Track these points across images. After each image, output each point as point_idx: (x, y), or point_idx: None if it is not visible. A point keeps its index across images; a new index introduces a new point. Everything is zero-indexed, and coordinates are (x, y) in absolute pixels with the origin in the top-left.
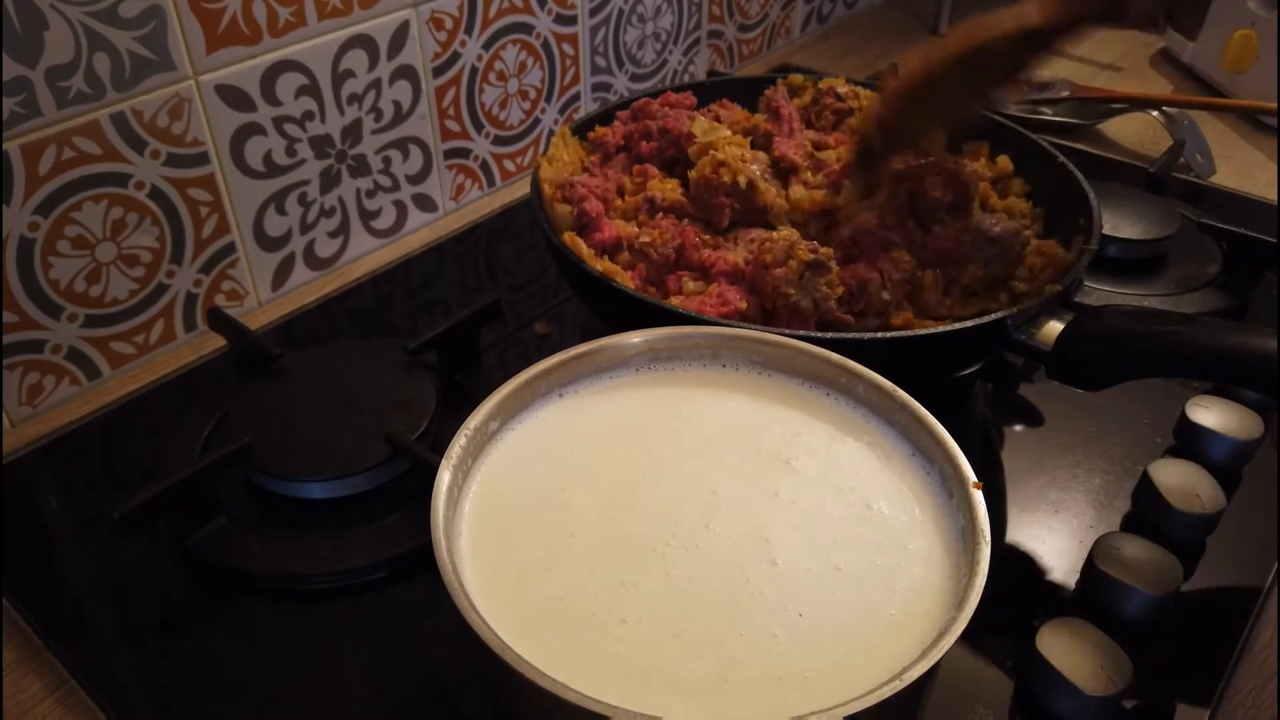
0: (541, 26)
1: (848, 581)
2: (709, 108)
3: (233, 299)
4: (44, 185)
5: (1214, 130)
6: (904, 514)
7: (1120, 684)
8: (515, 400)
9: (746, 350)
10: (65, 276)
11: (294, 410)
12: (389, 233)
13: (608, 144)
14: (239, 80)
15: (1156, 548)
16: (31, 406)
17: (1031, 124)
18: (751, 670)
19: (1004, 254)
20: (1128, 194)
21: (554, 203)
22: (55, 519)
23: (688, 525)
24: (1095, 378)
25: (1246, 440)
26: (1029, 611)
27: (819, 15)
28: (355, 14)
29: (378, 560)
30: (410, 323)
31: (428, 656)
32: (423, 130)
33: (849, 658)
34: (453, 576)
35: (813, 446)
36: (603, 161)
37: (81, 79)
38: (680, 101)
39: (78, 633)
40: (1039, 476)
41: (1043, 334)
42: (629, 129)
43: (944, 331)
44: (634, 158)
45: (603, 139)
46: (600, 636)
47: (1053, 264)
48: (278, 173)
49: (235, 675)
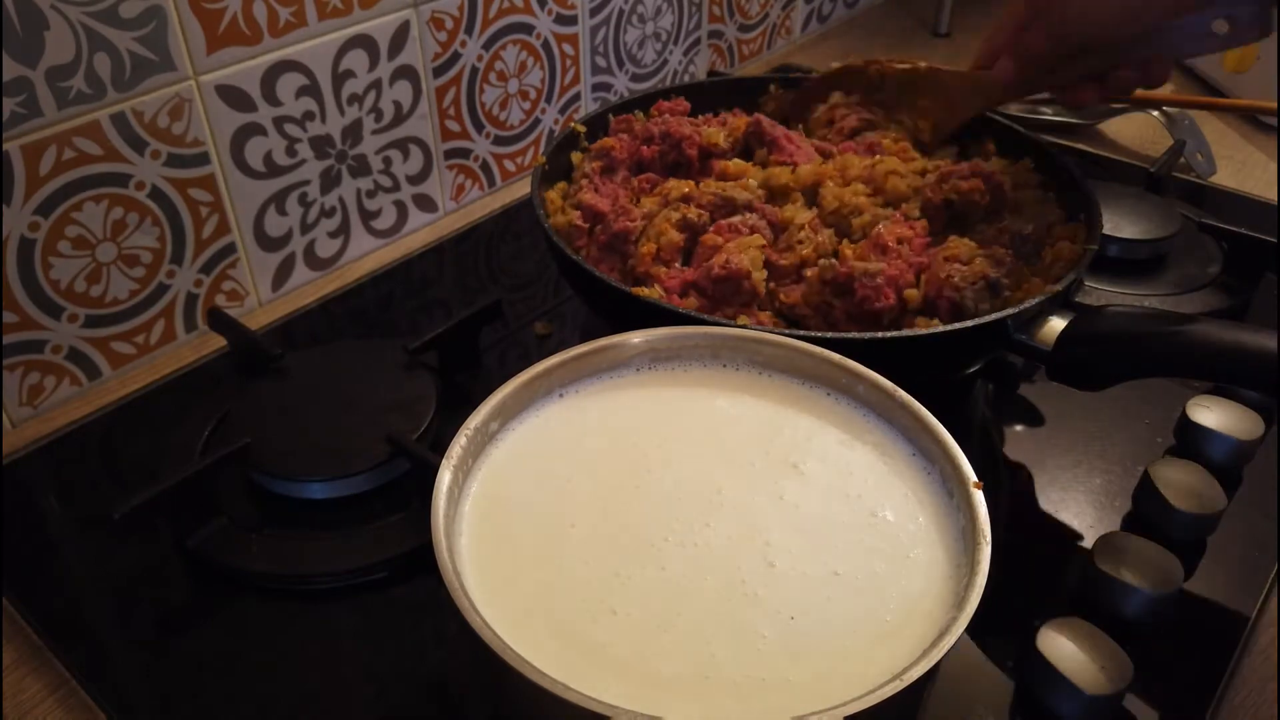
0: (542, 26)
1: (845, 587)
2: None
3: (233, 299)
4: (44, 185)
5: (1214, 130)
6: (909, 523)
7: (1120, 684)
8: (515, 400)
9: (747, 350)
10: (65, 276)
11: (294, 410)
12: (389, 233)
13: (614, 155)
14: (239, 80)
15: (1157, 547)
16: (32, 406)
17: (1031, 124)
18: (734, 670)
19: (1037, 253)
20: (1128, 194)
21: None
22: (55, 519)
23: (688, 522)
24: (1095, 378)
25: (1247, 440)
26: (1029, 611)
27: (819, 15)
28: (355, 14)
29: (378, 560)
30: (410, 323)
31: (428, 656)
32: (423, 130)
33: (839, 664)
34: (453, 576)
35: (823, 451)
36: (603, 171)
37: (82, 79)
38: (673, 108)
39: (78, 633)
40: (1039, 476)
41: (1043, 334)
42: (633, 140)
43: (944, 331)
44: (635, 165)
45: (608, 149)
46: (589, 626)
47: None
48: (278, 173)
49: (235, 675)
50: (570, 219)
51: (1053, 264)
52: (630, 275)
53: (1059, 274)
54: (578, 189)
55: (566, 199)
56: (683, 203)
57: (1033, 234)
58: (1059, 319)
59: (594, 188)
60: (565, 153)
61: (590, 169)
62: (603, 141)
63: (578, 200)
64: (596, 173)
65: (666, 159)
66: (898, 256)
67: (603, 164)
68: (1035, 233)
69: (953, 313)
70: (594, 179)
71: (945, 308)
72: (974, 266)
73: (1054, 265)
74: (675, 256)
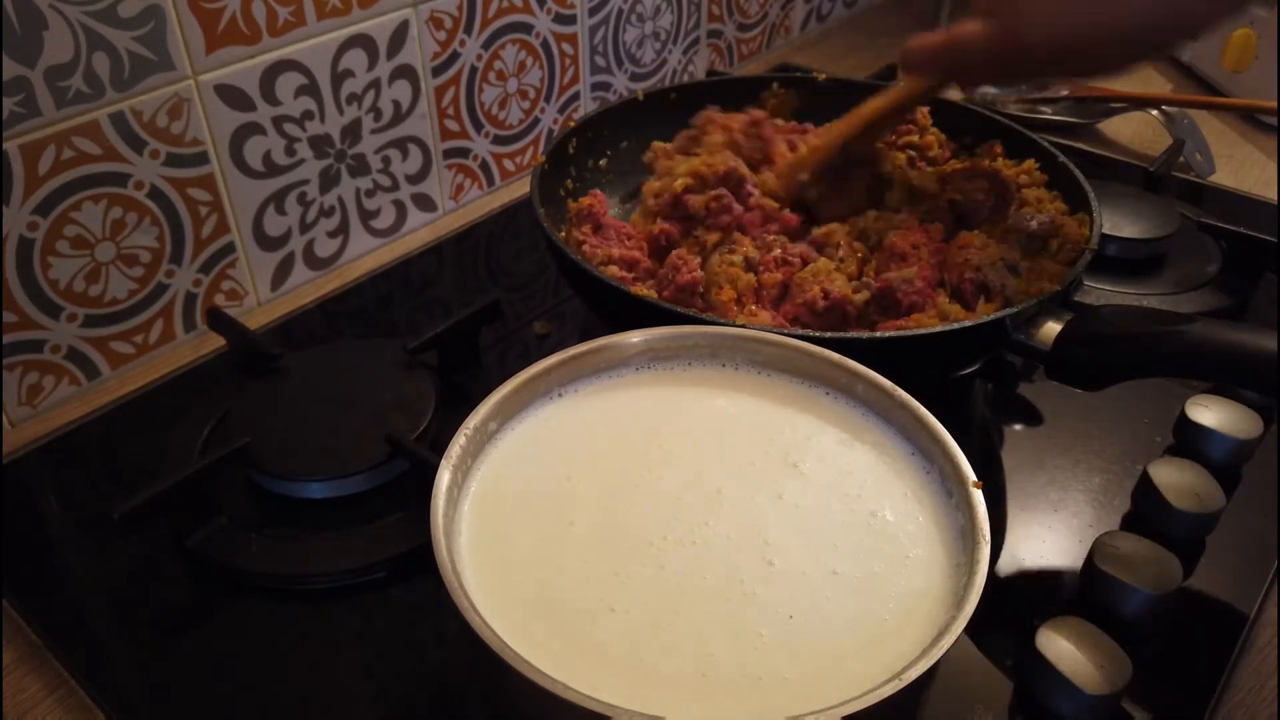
0: (541, 26)
1: (844, 587)
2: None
3: (232, 299)
4: (43, 185)
5: (1213, 129)
6: (909, 523)
7: (1120, 683)
8: (515, 400)
9: (746, 350)
10: (65, 276)
11: (294, 410)
12: (388, 232)
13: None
14: (238, 80)
15: (1156, 547)
16: (31, 406)
17: (1031, 123)
18: (731, 668)
19: (1044, 247)
20: (1127, 193)
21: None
22: (55, 519)
23: (688, 521)
24: (1094, 377)
25: (1246, 439)
26: (1029, 611)
27: (818, 15)
28: (354, 13)
29: (378, 560)
30: (410, 323)
31: (428, 656)
32: (422, 130)
33: (836, 663)
34: (452, 576)
35: (823, 451)
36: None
37: (81, 79)
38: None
39: (78, 633)
40: (1039, 476)
41: (1041, 334)
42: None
43: (942, 331)
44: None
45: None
46: (588, 624)
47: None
48: (277, 172)
49: (235, 675)
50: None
51: (1056, 259)
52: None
53: (1060, 273)
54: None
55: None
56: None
57: (1039, 229)
58: (1057, 319)
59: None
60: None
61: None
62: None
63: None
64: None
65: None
66: (918, 260)
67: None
68: (1040, 230)
69: (976, 294)
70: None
71: (969, 290)
72: (989, 251)
73: (1057, 260)
74: (751, 298)
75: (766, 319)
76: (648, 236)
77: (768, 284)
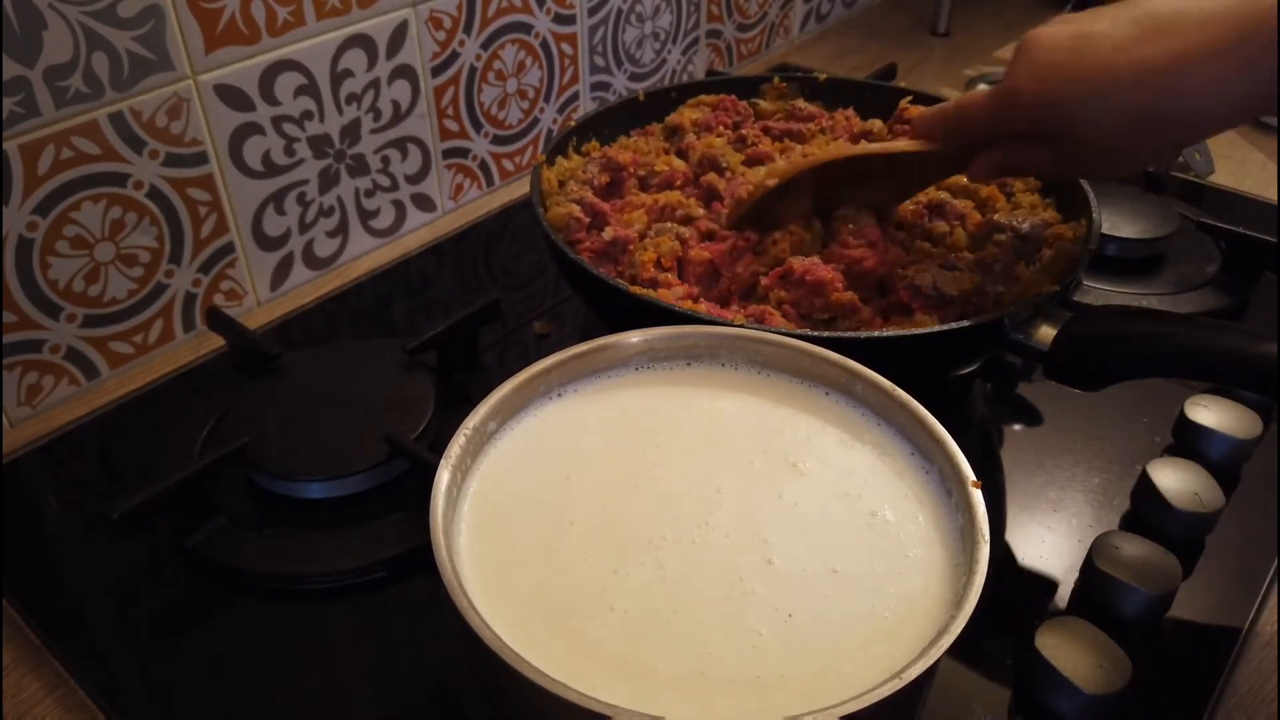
0: (540, 26)
1: (844, 585)
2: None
3: (231, 299)
4: (43, 185)
5: None
6: (909, 522)
7: (1120, 683)
8: (514, 400)
9: (746, 350)
10: (64, 276)
11: (293, 410)
12: (388, 232)
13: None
14: (237, 80)
15: (1155, 547)
16: (31, 406)
17: None
18: (730, 667)
19: (1035, 249)
20: (1126, 193)
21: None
22: (55, 519)
23: (687, 520)
24: (1093, 378)
25: (1245, 439)
26: (1028, 611)
27: (817, 15)
28: (354, 13)
29: (377, 560)
30: (409, 323)
31: (428, 656)
32: (421, 130)
33: (837, 662)
34: (452, 576)
35: (822, 451)
36: (607, 192)
37: (80, 79)
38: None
39: (78, 633)
40: (1038, 476)
41: (1040, 334)
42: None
43: (941, 331)
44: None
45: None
46: (586, 623)
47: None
48: (276, 172)
49: (235, 675)
50: (569, 211)
51: (1051, 263)
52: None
53: (1057, 273)
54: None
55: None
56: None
57: (1031, 233)
58: (1056, 319)
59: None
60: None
61: (591, 175)
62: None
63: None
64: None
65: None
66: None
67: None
68: (1033, 232)
69: (913, 296)
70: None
71: (906, 296)
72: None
73: (1052, 264)
74: (673, 265)
75: (681, 291)
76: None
77: (695, 260)
